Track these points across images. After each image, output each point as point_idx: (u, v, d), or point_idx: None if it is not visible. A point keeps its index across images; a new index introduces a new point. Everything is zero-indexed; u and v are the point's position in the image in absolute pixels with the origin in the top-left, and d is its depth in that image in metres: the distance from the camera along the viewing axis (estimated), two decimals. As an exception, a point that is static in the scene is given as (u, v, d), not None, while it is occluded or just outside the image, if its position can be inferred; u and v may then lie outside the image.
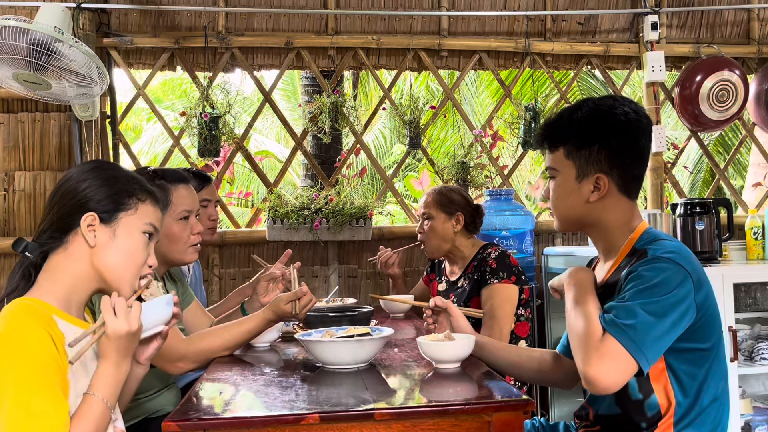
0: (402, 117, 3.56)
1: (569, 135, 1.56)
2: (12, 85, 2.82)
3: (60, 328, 1.27)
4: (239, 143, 3.51)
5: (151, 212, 1.42)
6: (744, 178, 6.43)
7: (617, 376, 1.34)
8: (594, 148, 1.53)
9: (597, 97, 1.68)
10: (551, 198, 1.63)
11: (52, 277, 1.34)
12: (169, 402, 2.02)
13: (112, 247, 1.36)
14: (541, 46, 3.72)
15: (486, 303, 2.39)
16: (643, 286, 1.39)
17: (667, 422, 1.45)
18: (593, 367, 1.33)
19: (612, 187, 1.54)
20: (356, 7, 3.65)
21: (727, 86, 3.66)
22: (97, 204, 1.36)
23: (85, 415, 1.22)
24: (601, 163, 1.53)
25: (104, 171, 1.41)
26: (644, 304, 1.36)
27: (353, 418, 1.25)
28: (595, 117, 1.56)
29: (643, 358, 1.34)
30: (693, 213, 2.96)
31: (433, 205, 2.63)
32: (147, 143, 9.35)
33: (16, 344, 1.20)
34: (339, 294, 3.34)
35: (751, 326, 3.11)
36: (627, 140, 1.54)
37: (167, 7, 3.46)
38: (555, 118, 1.64)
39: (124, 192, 1.39)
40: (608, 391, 1.35)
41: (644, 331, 1.34)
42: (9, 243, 3.20)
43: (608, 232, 1.57)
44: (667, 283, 1.38)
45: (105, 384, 1.26)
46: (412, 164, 9.07)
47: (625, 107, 1.55)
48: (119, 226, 1.37)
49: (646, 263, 1.42)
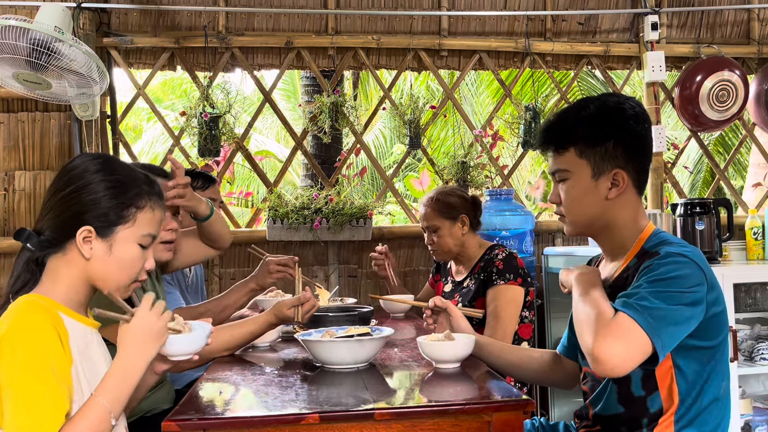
0: (402, 117, 3.56)
1: (579, 134, 1.55)
2: (12, 85, 2.82)
3: (66, 326, 1.27)
4: (239, 143, 3.51)
5: (149, 221, 1.39)
6: (744, 178, 6.43)
7: (628, 355, 1.28)
8: (609, 144, 1.52)
9: (597, 96, 1.68)
10: (565, 201, 1.58)
11: (54, 278, 1.34)
12: (163, 399, 2.02)
13: (107, 260, 1.35)
14: (541, 46, 3.72)
15: (491, 304, 2.38)
16: (659, 278, 1.36)
17: (668, 420, 1.44)
18: (603, 345, 1.27)
19: (629, 181, 1.54)
20: (356, 7, 3.65)
21: (727, 86, 3.66)
22: (94, 217, 1.33)
23: (84, 416, 1.21)
24: (618, 159, 1.53)
25: (107, 175, 1.36)
26: (660, 293, 1.34)
27: (353, 418, 1.25)
28: (605, 113, 1.55)
29: (659, 341, 1.29)
30: (693, 213, 2.96)
31: (435, 215, 2.59)
32: (147, 143, 9.36)
33: (24, 341, 1.20)
34: (339, 294, 3.34)
35: (751, 326, 3.11)
36: (638, 134, 1.55)
37: (167, 7, 3.46)
38: (557, 119, 1.62)
39: (123, 203, 1.36)
40: (616, 372, 1.28)
41: (660, 315, 1.31)
42: (9, 243, 3.22)
43: (618, 230, 1.56)
44: (685, 279, 1.37)
45: (111, 389, 1.24)
46: (412, 164, 9.07)
47: (629, 102, 1.56)
48: (116, 241, 1.35)
49: (662, 258, 1.40)
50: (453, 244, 2.58)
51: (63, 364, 1.23)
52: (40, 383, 1.18)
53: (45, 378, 1.19)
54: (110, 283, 1.36)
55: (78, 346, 1.29)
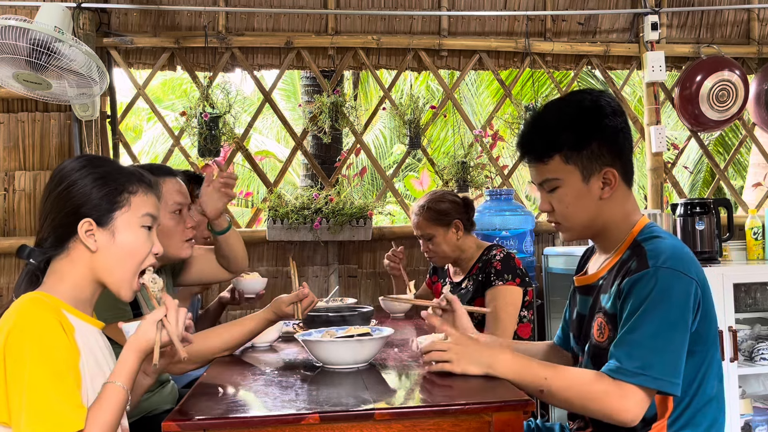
0: (402, 117, 3.56)
1: (562, 140, 1.51)
2: (12, 85, 2.82)
3: (70, 321, 1.28)
4: (239, 143, 3.50)
5: (144, 202, 1.41)
6: (744, 178, 6.43)
7: (646, 406, 1.37)
8: (594, 145, 1.51)
9: (565, 97, 1.65)
10: (558, 209, 1.56)
11: (58, 278, 1.35)
12: (166, 400, 2.02)
13: (113, 249, 1.36)
14: (541, 46, 3.72)
15: (490, 304, 2.38)
16: (648, 307, 1.36)
17: (662, 423, 1.44)
18: (626, 416, 1.36)
19: (619, 177, 1.53)
20: (356, 7, 3.65)
21: (727, 86, 3.66)
22: (90, 209, 1.35)
23: (105, 403, 1.22)
24: (605, 157, 1.51)
25: (92, 169, 1.38)
26: (652, 331, 1.35)
27: (353, 418, 1.25)
28: (584, 115, 1.53)
29: (676, 387, 1.35)
30: (693, 213, 2.96)
31: (427, 224, 2.57)
32: (147, 143, 9.36)
33: (30, 336, 1.20)
34: (339, 294, 3.34)
35: (751, 326, 3.11)
36: (619, 128, 1.53)
37: (167, 7, 3.46)
38: (533, 128, 1.59)
39: (115, 190, 1.37)
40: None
41: (664, 363, 1.35)
42: (9, 243, 3.22)
43: (613, 227, 1.55)
44: (674, 300, 1.37)
45: (127, 374, 1.26)
46: (412, 164, 9.07)
47: (604, 97, 1.54)
48: (117, 226, 1.36)
49: (645, 278, 1.38)
50: (450, 250, 2.57)
51: (72, 357, 1.24)
52: (55, 379, 1.18)
53: (59, 373, 1.19)
54: (117, 275, 1.37)
55: (83, 341, 1.30)
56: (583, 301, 1.63)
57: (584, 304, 1.63)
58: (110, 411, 1.22)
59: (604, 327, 1.50)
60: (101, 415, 1.21)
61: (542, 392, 1.44)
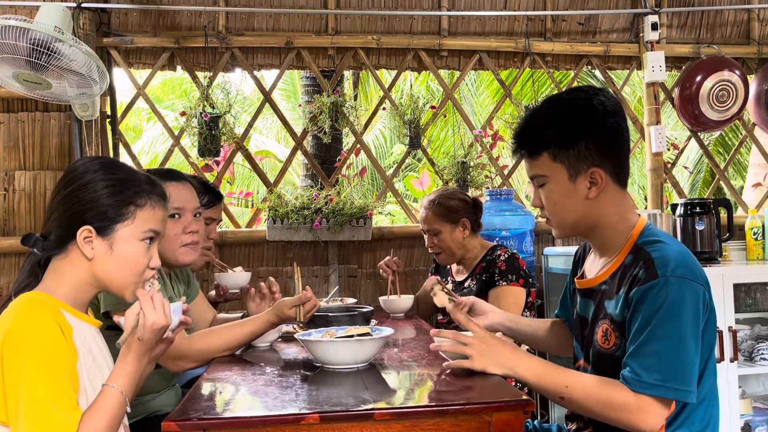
0: (402, 117, 3.56)
1: (550, 138, 1.51)
2: (12, 85, 2.82)
3: (68, 321, 1.28)
4: (239, 143, 3.50)
5: (150, 217, 1.40)
6: (744, 178, 6.43)
7: (664, 419, 1.39)
8: (581, 144, 1.49)
9: (562, 93, 1.65)
10: (547, 205, 1.57)
11: (57, 277, 1.35)
12: (169, 402, 2.02)
13: (110, 259, 1.35)
14: (541, 46, 3.72)
15: (493, 304, 2.38)
16: (661, 318, 1.36)
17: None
18: (647, 426, 1.37)
19: (608, 178, 1.51)
20: (356, 7, 3.65)
21: (727, 86, 3.66)
22: (93, 216, 1.34)
23: (102, 406, 1.22)
24: (593, 157, 1.49)
25: (104, 175, 1.38)
26: (669, 342, 1.35)
27: (353, 418, 1.25)
28: (573, 113, 1.52)
29: (693, 395, 1.36)
30: (693, 213, 2.96)
31: (435, 219, 2.58)
32: (147, 143, 9.36)
33: (28, 337, 1.21)
34: (339, 294, 3.34)
35: (751, 326, 3.11)
36: (611, 128, 1.51)
37: (167, 7, 3.46)
38: (525, 123, 1.59)
39: (122, 201, 1.37)
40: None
41: (682, 372, 1.35)
42: (9, 243, 3.22)
43: (606, 227, 1.54)
44: (686, 308, 1.36)
45: (125, 376, 1.26)
46: (412, 164, 9.07)
47: (599, 96, 1.52)
48: (116, 239, 1.36)
49: (656, 287, 1.37)
50: (455, 248, 2.57)
51: (69, 359, 1.24)
52: (51, 380, 1.19)
53: (55, 375, 1.20)
54: (116, 282, 1.37)
55: (81, 341, 1.30)
56: (585, 304, 1.63)
57: (585, 306, 1.62)
58: (105, 414, 1.22)
59: (610, 334, 1.49)
60: (95, 418, 1.21)
61: (563, 399, 1.45)
